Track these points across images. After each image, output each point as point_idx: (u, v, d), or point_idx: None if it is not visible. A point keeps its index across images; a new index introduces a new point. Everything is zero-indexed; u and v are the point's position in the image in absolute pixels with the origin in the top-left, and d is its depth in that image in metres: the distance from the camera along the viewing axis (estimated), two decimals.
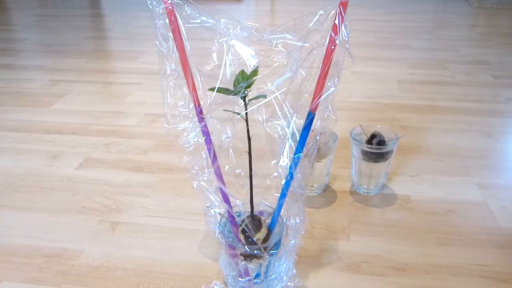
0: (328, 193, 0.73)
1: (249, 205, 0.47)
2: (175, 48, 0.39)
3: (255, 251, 0.46)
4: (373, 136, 0.67)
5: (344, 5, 0.36)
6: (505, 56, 1.46)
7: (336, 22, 0.37)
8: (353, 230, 0.64)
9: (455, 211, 0.69)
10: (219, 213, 0.48)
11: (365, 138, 0.69)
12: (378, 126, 0.70)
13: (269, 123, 0.41)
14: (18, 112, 1.07)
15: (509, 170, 0.80)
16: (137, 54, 1.52)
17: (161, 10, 0.38)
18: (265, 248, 0.46)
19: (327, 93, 0.40)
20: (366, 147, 0.67)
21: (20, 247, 0.62)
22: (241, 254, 0.47)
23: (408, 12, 2.24)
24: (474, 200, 0.71)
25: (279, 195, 0.46)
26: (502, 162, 0.82)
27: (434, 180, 0.77)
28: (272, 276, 0.51)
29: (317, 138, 0.42)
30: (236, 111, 0.40)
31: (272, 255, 0.47)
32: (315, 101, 0.40)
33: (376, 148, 0.67)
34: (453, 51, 1.52)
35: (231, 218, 0.47)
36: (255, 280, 0.50)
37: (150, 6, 0.38)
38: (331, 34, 0.37)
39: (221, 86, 0.39)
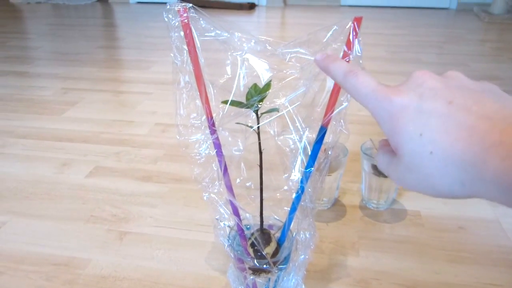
0: (337, 207, 0.73)
1: (258, 219, 0.47)
2: (189, 60, 0.39)
3: (264, 266, 0.45)
4: None
5: (358, 21, 0.37)
6: None
7: (350, 37, 0.37)
8: (362, 246, 0.64)
9: (466, 228, 0.67)
10: (229, 226, 0.48)
11: (375, 152, 0.68)
12: None
13: (281, 137, 0.41)
14: (30, 119, 1.08)
15: None
16: (148, 64, 1.54)
17: (177, 23, 0.38)
18: (274, 263, 0.45)
19: (339, 108, 0.39)
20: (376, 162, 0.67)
21: (28, 254, 0.62)
22: (249, 268, 0.47)
23: (418, 26, 2.24)
24: (486, 218, 0.70)
25: (289, 209, 0.46)
26: None
27: None
28: None
29: (329, 152, 0.42)
30: (249, 125, 0.40)
31: (281, 269, 0.47)
32: (327, 115, 0.40)
33: None
34: (464, 66, 1.52)
35: (240, 231, 0.47)
36: None
37: (166, 19, 0.38)
38: (344, 50, 0.37)
39: (234, 99, 0.39)
